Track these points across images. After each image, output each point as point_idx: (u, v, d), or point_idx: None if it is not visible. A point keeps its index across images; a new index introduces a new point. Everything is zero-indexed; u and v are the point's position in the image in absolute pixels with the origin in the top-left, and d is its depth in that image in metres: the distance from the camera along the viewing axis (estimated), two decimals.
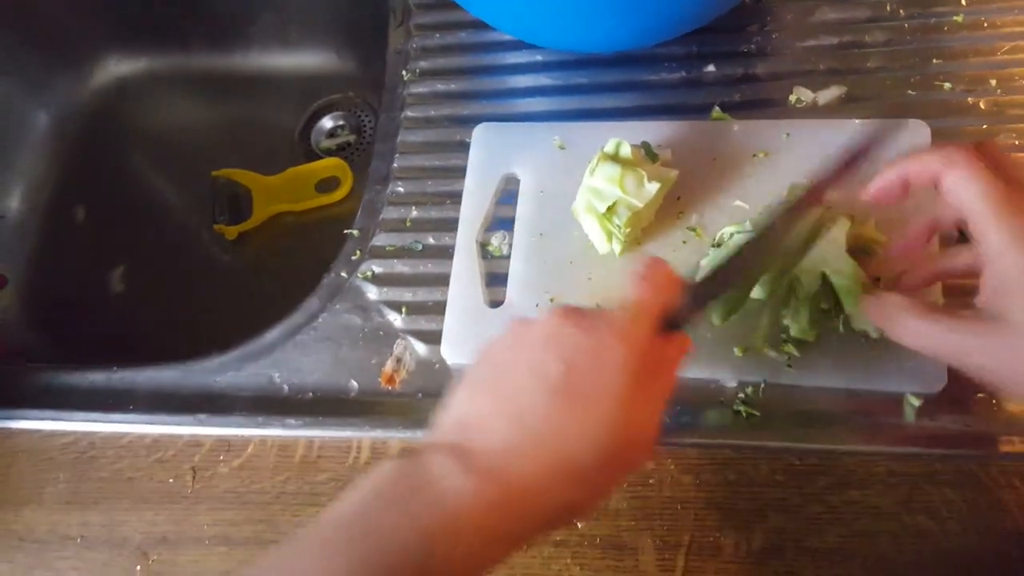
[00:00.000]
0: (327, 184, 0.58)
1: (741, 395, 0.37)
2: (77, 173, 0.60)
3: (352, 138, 0.60)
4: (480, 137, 0.44)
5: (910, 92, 0.42)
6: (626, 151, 0.38)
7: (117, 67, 0.61)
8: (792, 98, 0.43)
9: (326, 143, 0.61)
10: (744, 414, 0.37)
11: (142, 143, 0.62)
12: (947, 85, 0.42)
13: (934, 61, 0.43)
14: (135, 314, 0.55)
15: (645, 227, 0.40)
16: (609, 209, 0.37)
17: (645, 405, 0.28)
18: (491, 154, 0.44)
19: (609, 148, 0.39)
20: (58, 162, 0.59)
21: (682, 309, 0.30)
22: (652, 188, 0.37)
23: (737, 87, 0.44)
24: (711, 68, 0.45)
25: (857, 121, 0.41)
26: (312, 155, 0.60)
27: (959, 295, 0.36)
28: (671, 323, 0.29)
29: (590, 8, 0.37)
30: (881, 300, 0.31)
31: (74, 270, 0.57)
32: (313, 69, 0.61)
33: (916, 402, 0.36)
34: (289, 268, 0.55)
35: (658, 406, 0.28)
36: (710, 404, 0.37)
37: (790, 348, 0.37)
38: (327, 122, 0.61)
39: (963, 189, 0.28)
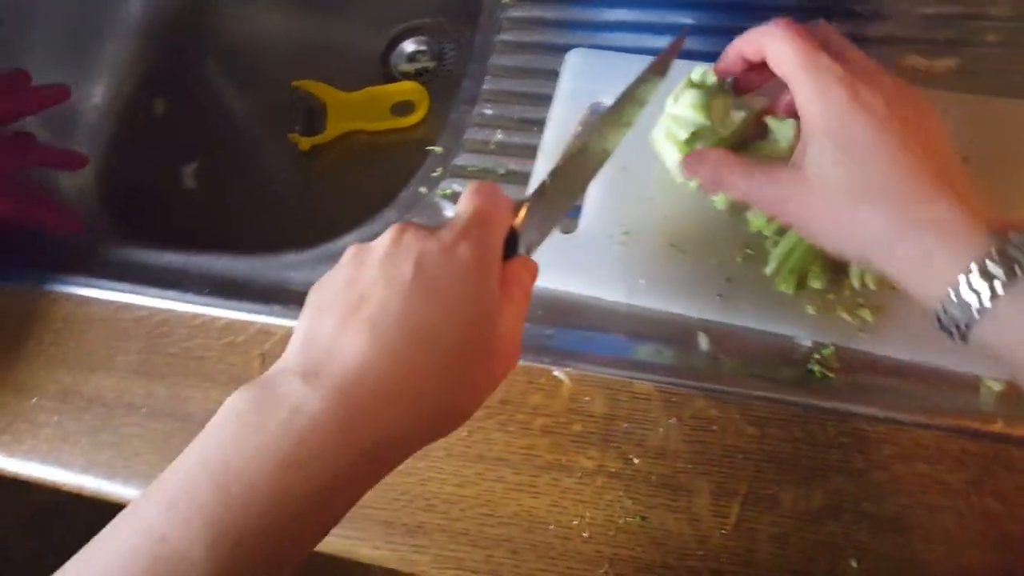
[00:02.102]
0: (402, 107, 0.57)
1: (817, 355, 0.36)
2: (161, 67, 0.60)
3: (432, 64, 0.60)
4: (572, 63, 0.44)
5: None
6: (713, 80, 0.37)
7: None
8: (905, 64, 0.42)
9: (405, 66, 0.60)
10: (818, 374, 0.36)
11: (226, 45, 0.62)
12: None
13: None
14: (204, 211, 0.56)
15: None
16: (692, 135, 0.36)
17: (502, 312, 0.27)
18: (581, 81, 0.43)
19: (695, 75, 0.37)
20: (144, 54, 0.60)
21: (523, 232, 0.30)
22: (737, 116, 0.36)
23: None
24: (822, 23, 0.44)
25: (971, 97, 0.39)
26: (390, 77, 0.60)
27: None
28: (512, 247, 0.30)
29: None
30: (702, 156, 0.33)
31: (149, 161, 0.57)
32: None
33: (997, 386, 0.35)
34: (358, 186, 0.55)
35: (516, 321, 0.28)
36: (783, 360, 0.36)
37: (865, 313, 0.36)
38: (408, 45, 0.60)
39: (780, 55, 0.30)
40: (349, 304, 0.26)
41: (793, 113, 0.34)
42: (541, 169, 0.41)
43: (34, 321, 0.43)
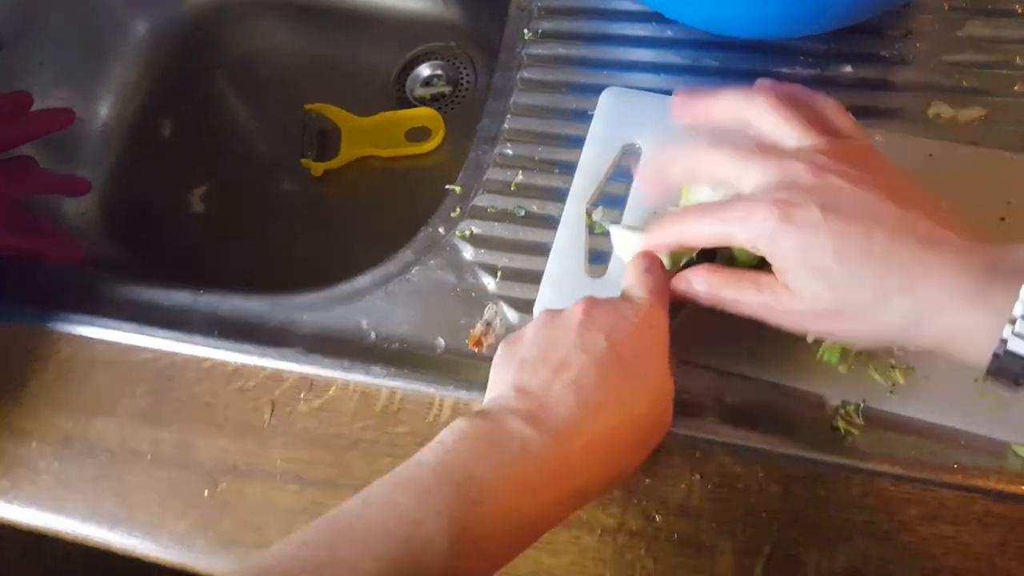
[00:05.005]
0: (417, 133, 0.56)
1: (842, 411, 0.36)
2: (168, 87, 0.59)
3: (447, 90, 0.59)
4: (606, 102, 0.43)
5: None
6: None
7: None
8: (931, 112, 0.41)
9: (420, 91, 0.59)
10: (842, 431, 0.35)
11: (235, 65, 0.60)
12: None
13: None
14: (212, 236, 0.54)
15: None
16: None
17: (670, 381, 0.31)
18: (615, 121, 0.42)
19: None
20: (151, 74, 0.58)
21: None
22: None
23: (873, 93, 0.42)
24: (848, 69, 0.43)
25: (1008, 155, 0.39)
26: (405, 101, 0.59)
27: None
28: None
29: None
30: (692, 274, 0.33)
31: (155, 185, 0.56)
32: (417, 13, 0.59)
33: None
34: (372, 216, 0.54)
35: (672, 391, 0.32)
36: (807, 416, 0.36)
37: (896, 375, 0.35)
38: (424, 70, 0.59)
39: (700, 232, 0.31)
40: (552, 364, 0.29)
41: None
42: (571, 210, 0.41)
43: (35, 361, 0.42)
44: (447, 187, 0.44)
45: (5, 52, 0.45)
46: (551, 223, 0.41)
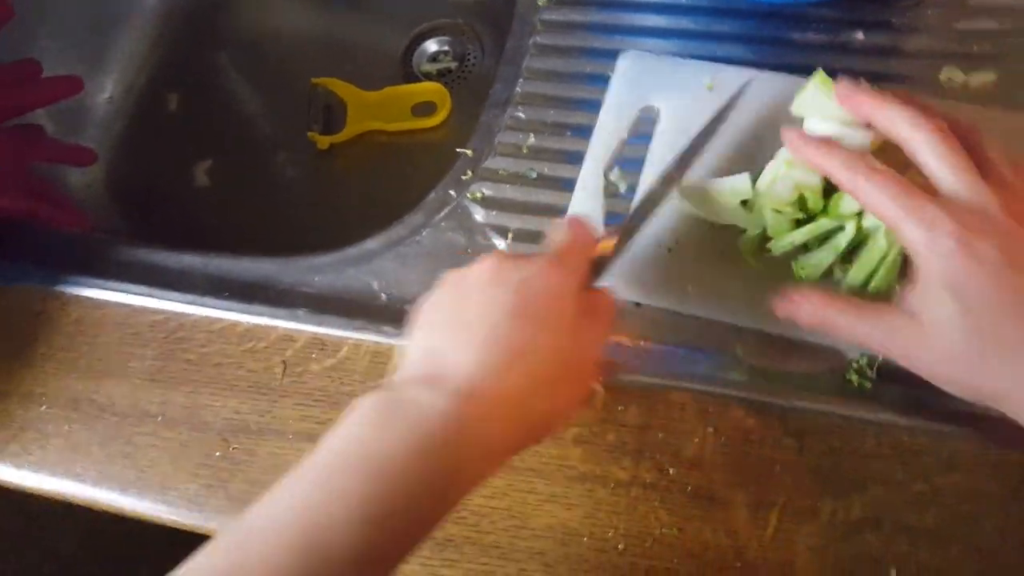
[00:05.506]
0: (423, 108, 0.57)
1: (855, 364, 0.36)
2: (175, 60, 0.59)
3: (454, 65, 0.59)
4: (624, 66, 0.43)
5: None
6: None
7: None
8: (942, 77, 0.42)
9: (427, 67, 0.59)
10: (856, 383, 0.36)
11: (243, 38, 0.61)
12: None
13: None
14: (216, 210, 0.54)
15: None
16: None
17: (585, 336, 0.31)
18: (633, 84, 0.42)
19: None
20: (159, 47, 0.58)
21: (600, 264, 0.33)
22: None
23: (885, 59, 0.43)
24: (859, 35, 0.43)
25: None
26: (411, 76, 0.59)
27: None
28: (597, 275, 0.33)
29: None
30: (802, 296, 0.32)
31: (161, 157, 0.56)
32: None
33: None
34: (378, 187, 0.54)
35: (594, 347, 0.32)
36: (822, 369, 0.36)
37: None
38: (431, 45, 0.60)
39: (876, 200, 0.30)
40: (458, 324, 0.29)
41: None
42: (588, 173, 0.41)
43: (44, 324, 0.42)
44: (458, 150, 0.44)
45: (15, 22, 0.45)
46: (563, 185, 0.41)
